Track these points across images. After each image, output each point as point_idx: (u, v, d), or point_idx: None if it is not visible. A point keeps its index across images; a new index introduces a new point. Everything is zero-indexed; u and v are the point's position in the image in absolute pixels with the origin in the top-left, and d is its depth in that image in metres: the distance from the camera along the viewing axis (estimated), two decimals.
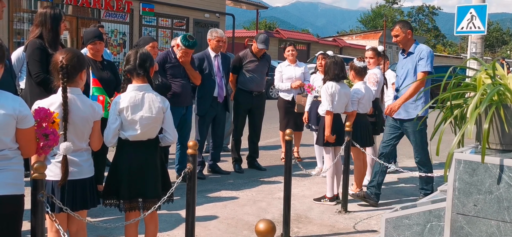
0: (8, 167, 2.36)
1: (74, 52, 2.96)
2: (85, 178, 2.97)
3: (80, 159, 2.93)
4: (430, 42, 65.12)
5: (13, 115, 2.33)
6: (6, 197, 2.34)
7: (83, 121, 2.89)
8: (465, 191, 2.05)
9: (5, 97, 2.36)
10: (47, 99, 2.84)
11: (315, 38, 41.04)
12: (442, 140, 2.27)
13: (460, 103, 2.20)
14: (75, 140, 2.89)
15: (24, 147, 2.44)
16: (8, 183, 2.35)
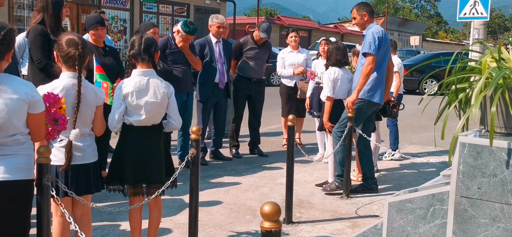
0: (20, 152, 2.39)
1: (82, 38, 2.96)
2: (89, 163, 2.98)
3: (83, 144, 2.94)
4: (432, 28, 64.88)
5: (25, 100, 2.36)
6: (19, 182, 2.37)
7: (86, 106, 2.89)
8: (469, 174, 2.06)
9: (17, 82, 2.39)
10: (49, 84, 2.84)
11: (316, 25, 40.92)
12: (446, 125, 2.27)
13: (464, 87, 2.20)
14: (79, 125, 2.89)
15: (35, 132, 2.46)
16: (21, 168, 2.38)
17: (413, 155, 6.92)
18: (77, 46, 2.84)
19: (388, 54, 5.10)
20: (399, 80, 6.51)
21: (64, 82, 2.84)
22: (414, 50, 32.06)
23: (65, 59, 2.85)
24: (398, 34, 44.61)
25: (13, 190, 2.36)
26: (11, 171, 2.35)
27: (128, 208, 3.28)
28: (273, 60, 8.40)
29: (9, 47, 2.35)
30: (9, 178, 2.33)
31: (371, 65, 4.79)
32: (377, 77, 4.94)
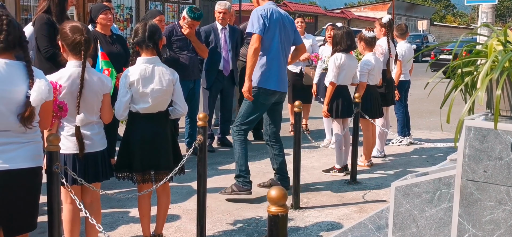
0: (33, 139, 2.45)
1: (85, 26, 2.98)
2: (97, 151, 3.01)
3: (91, 133, 2.96)
4: (440, 12, 64.21)
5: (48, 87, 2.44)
6: (31, 169, 2.42)
7: (91, 93, 2.92)
8: (475, 157, 2.06)
9: (37, 71, 2.46)
10: (56, 74, 2.87)
11: (323, 10, 40.65)
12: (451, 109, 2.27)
13: (471, 70, 2.20)
14: (86, 113, 2.92)
15: (44, 119, 2.51)
16: (34, 155, 2.44)
17: (421, 140, 6.91)
18: (82, 32, 2.86)
19: (283, 36, 4.50)
20: (399, 68, 6.48)
21: (70, 70, 2.86)
22: (422, 34, 31.82)
23: (72, 46, 2.87)
24: (406, 18, 44.23)
25: (26, 178, 2.41)
26: (29, 159, 2.41)
27: (137, 194, 3.32)
28: None
29: None
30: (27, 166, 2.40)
31: (254, 45, 4.31)
32: (267, 62, 4.43)
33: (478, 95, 1.91)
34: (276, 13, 4.46)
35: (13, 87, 2.34)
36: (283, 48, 4.54)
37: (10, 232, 2.40)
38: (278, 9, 4.53)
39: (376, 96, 5.69)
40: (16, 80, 2.35)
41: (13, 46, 2.38)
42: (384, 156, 6.20)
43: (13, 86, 2.34)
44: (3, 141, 2.34)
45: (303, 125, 7.20)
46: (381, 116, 5.86)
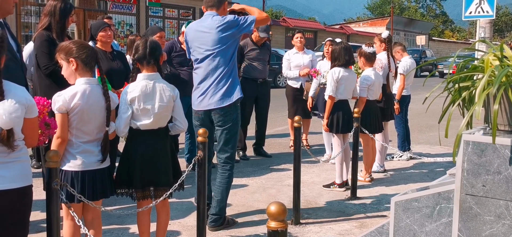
0: (19, 158, 2.33)
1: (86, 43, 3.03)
2: (104, 167, 3.02)
3: (98, 150, 2.98)
4: (438, 28, 64.56)
5: (25, 104, 2.31)
6: (19, 189, 2.32)
7: (102, 110, 2.94)
8: (474, 172, 2.07)
9: (15, 88, 2.33)
10: (69, 90, 2.86)
11: (322, 26, 40.90)
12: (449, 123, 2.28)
13: (468, 85, 2.21)
14: (95, 130, 2.94)
15: (29, 137, 2.41)
16: (20, 175, 2.33)
17: (421, 155, 6.91)
18: (90, 47, 2.92)
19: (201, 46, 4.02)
20: (402, 82, 6.52)
21: (83, 87, 2.88)
22: (420, 49, 31.97)
23: (87, 60, 2.90)
24: (404, 34, 44.48)
25: (16, 198, 2.31)
26: (15, 179, 2.30)
27: (137, 211, 3.31)
28: (278, 62, 8.44)
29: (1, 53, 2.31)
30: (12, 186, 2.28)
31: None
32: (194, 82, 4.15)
33: (475, 109, 1.93)
34: (190, 33, 4.12)
35: None
36: (202, 66, 4.03)
37: None
38: (197, 23, 4.14)
39: (376, 111, 5.70)
40: None
41: None
42: (384, 171, 6.20)
43: None
44: None
45: (303, 140, 7.21)
46: (381, 131, 5.87)
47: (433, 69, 28.64)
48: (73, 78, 2.95)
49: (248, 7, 4.17)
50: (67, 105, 2.84)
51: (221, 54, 3.96)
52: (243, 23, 3.95)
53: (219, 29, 3.92)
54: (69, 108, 2.84)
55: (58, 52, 2.99)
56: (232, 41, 3.98)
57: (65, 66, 2.95)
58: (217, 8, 4.05)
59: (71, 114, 2.86)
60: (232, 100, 3.98)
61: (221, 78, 3.97)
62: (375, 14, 62.95)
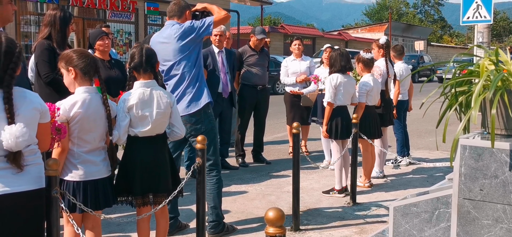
0: (35, 161, 2.44)
1: None
2: (105, 177, 3.02)
3: (99, 159, 2.98)
4: (437, 33, 64.76)
5: (39, 109, 2.43)
6: (37, 191, 2.42)
7: (103, 119, 2.95)
8: (471, 176, 2.08)
9: (30, 94, 2.45)
10: (69, 99, 2.88)
11: (320, 33, 41.02)
12: (447, 128, 2.30)
13: (464, 90, 2.23)
14: (96, 139, 2.95)
15: (42, 141, 2.52)
16: (36, 177, 2.43)
17: (420, 160, 6.92)
18: (90, 56, 2.96)
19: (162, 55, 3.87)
20: (397, 88, 6.54)
21: (83, 96, 2.89)
22: (417, 55, 32.05)
23: (86, 69, 2.91)
24: (403, 39, 44.59)
25: (32, 200, 2.41)
26: (32, 181, 2.40)
27: (136, 218, 3.32)
28: (277, 69, 8.47)
29: (18, 66, 2.40)
30: (30, 188, 2.39)
31: None
32: None
33: (471, 114, 1.94)
34: (153, 40, 4.09)
35: None
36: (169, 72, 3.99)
37: None
38: (158, 35, 4.14)
39: (375, 116, 5.72)
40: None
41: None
42: (384, 176, 6.21)
43: None
44: (3, 166, 2.33)
45: (302, 147, 7.22)
46: (379, 137, 5.88)
47: (430, 74, 28.70)
48: (73, 86, 2.96)
49: (209, 5, 4.07)
50: (67, 114, 2.85)
51: (184, 61, 3.91)
52: (200, 27, 3.89)
53: (177, 38, 3.88)
54: (69, 117, 2.85)
55: (60, 60, 3.01)
56: (193, 47, 3.93)
57: (65, 74, 2.97)
58: (178, 17, 4.01)
59: (71, 123, 2.87)
60: (200, 105, 3.93)
61: (188, 85, 3.93)
62: (373, 20, 63.13)
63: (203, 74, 4.08)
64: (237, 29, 22.99)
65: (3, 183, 2.31)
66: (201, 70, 4.05)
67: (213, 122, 4.07)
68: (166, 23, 4.11)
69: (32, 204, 2.42)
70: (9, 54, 2.34)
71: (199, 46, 4.01)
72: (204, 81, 4.06)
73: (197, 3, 4.15)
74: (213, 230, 4.10)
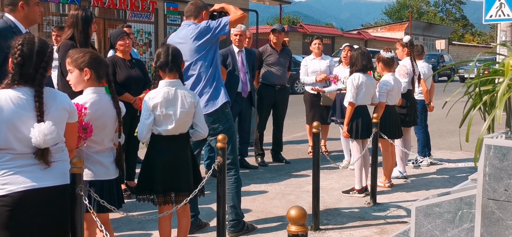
0: (62, 158, 2.53)
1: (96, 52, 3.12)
2: (112, 179, 3.04)
3: (108, 160, 3.01)
4: (458, 32, 63.77)
5: (68, 109, 2.52)
6: (64, 186, 2.51)
7: (113, 120, 2.99)
8: (496, 176, 2.05)
9: (60, 94, 2.56)
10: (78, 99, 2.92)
11: (340, 32, 40.77)
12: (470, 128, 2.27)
13: (489, 89, 2.19)
14: (105, 140, 2.98)
15: (69, 140, 2.60)
16: (62, 173, 2.51)
17: (442, 160, 6.83)
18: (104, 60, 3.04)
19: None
20: (425, 86, 6.51)
21: (92, 96, 2.93)
22: (437, 54, 31.59)
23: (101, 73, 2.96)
24: (423, 38, 44.03)
25: (59, 195, 2.49)
26: (58, 177, 2.49)
27: (158, 216, 3.36)
28: (296, 68, 8.45)
29: (49, 65, 2.51)
30: (57, 184, 2.47)
31: None
32: None
33: (496, 113, 1.91)
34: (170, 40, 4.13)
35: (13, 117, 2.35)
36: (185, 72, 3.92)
37: None
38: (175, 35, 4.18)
39: (395, 116, 5.67)
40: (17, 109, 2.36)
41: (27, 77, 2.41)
42: (406, 177, 6.14)
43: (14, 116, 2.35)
44: (30, 162, 2.41)
45: (321, 146, 7.20)
46: (400, 137, 5.83)
47: (451, 74, 28.25)
48: (80, 86, 2.97)
49: (227, 5, 4.07)
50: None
51: (201, 62, 3.94)
52: (216, 27, 3.90)
53: (192, 38, 3.91)
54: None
55: (70, 58, 2.99)
56: (209, 47, 3.94)
57: (76, 73, 2.94)
58: (194, 17, 4.04)
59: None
60: (217, 105, 3.95)
61: (205, 85, 3.95)
62: (393, 19, 62.48)
63: (220, 74, 4.10)
64: (256, 28, 23.01)
65: (32, 179, 2.40)
66: (218, 70, 4.07)
67: (231, 121, 4.10)
68: (182, 24, 4.15)
69: (58, 200, 2.49)
70: (41, 54, 2.45)
71: (215, 46, 4.04)
72: (221, 81, 4.09)
73: (215, 4, 4.17)
74: (233, 229, 4.12)
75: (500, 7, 9.96)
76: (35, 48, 2.43)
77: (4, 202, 2.35)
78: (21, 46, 2.43)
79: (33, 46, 2.43)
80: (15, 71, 2.40)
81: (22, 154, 2.39)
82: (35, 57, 2.41)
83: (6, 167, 2.37)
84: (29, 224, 2.41)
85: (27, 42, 2.44)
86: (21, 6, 3.68)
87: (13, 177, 2.37)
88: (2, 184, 2.36)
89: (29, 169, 2.40)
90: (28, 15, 3.71)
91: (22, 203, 2.37)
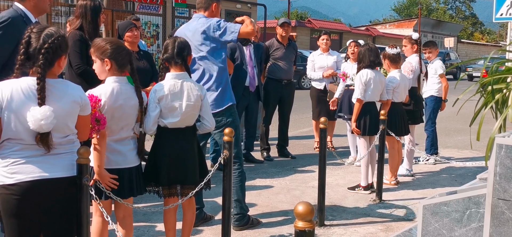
0: (71, 150, 2.52)
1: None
2: (132, 167, 3.05)
3: (127, 148, 3.02)
4: (468, 30, 63.31)
5: (79, 102, 2.50)
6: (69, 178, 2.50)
7: (133, 109, 2.99)
8: (507, 176, 2.02)
9: (72, 87, 2.53)
10: (96, 89, 2.92)
11: (348, 28, 40.57)
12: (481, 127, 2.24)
13: (501, 87, 2.16)
14: (125, 128, 2.98)
15: (81, 132, 2.60)
16: (72, 164, 2.51)
17: (449, 159, 6.79)
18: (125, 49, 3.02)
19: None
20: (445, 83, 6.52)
21: (113, 85, 2.93)
22: (444, 52, 31.32)
23: (122, 62, 2.96)
24: (432, 36, 43.75)
25: (68, 186, 2.50)
26: (67, 168, 2.49)
27: (163, 208, 3.35)
28: (303, 63, 8.42)
29: (57, 54, 2.44)
30: (65, 175, 2.47)
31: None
32: None
33: (508, 112, 1.88)
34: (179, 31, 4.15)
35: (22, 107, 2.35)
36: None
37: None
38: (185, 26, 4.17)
39: (402, 113, 5.63)
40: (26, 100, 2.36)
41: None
42: (412, 175, 6.11)
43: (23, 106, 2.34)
44: (39, 153, 2.42)
45: (328, 142, 7.17)
46: (407, 134, 5.79)
47: (457, 72, 28.05)
48: (103, 75, 3.00)
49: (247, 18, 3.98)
50: None
51: (208, 57, 3.93)
52: (224, 31, 3.87)
53: (201, 30, 3.90)
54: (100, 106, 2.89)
55: (93, 47, 3.03)
56: (215, 44, 3.92)
57: (98, 63, 2.99)
58: (205, 9, 4.04)
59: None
60: (222, 107, 3.99)
61: (212, 84, 3.96)
62: (402, 15, 62.11)
63: (227, 75, 4.11)
64: (264, 22, 22.97)
65: (41, 169, 2.41)
66: (226, 71, 4.08)
67: (235, 114, 4.11)
68: (193, 16, 4.13)
69: (66, 191, 2.50)
70: (47, 38, 2.41)
71: (225, 47, 4.04)
72: (229, 82, 4.09)
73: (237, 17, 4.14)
74: (238, 222, 4.12)
75: (511, 5, 9.84)
76: (42, 34, 2.42)
77: (12, 191, 2.36)
78: (30, 32, 2.43)
79: (41, 33, 2.42)
80: (22, 58, 2.40)
81: (31, 144, 2.39)
82: (41, 41, 2.40)
83: (16, 156, 2.38)
84: (37, 213, 2.42)
85: (37, 29, 2.45)
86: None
87: (22, 166, 2.38)
88: (11, 173, 2.37)
89: (38, 159, 2.40)
90: (37, 4, 3.70)
91: (30, 193, 2.38)
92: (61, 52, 2.47)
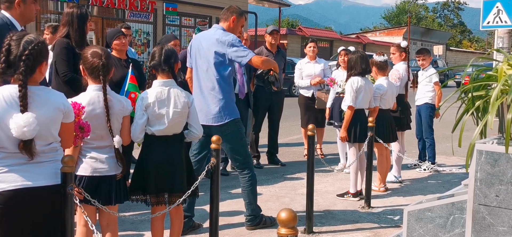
0: (55, 158, 2.51)
1: (106, 50, 3.07)
2: (111, 175, 3.04)
3: (106, 157, 3.01)
4: (456, 38, 63.90)
5: (62, 109, 2.49)
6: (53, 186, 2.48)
7: (113, 116, 2.98)
8: (487, 181, 2.05)
9: (54, 94, 2.53)
10: (77, 97, 2.93)
11: (338, 35, 40.78)
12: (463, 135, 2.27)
13: (482, 94, 2.19)
14: (104, 136, 2.97)
15: (65, 140, 2.59)
16: (55, 173, 2.49)
17: (440, 165, 6.82)
18: (101, 57, 2.96)
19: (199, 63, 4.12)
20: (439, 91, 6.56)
21: (90, 94, 2.93)
22: (432, 59, 31.61)
23: (90, 70, 2.96)
24: (421, 43, 44.10)
25: (51, 195, 2.47)
26: (50, 176, 2.47)
27: (150, 217, 3.34)
28: (293, 71, 8.45)
29: (37, 60, 2.43)
30: (49, 183, 2.45)
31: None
32: None
33: (488, 118, 1.91)
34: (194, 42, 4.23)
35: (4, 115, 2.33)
36: (198, 77, 4.13)
37: None
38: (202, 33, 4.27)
39: (389, 120, 5.67)
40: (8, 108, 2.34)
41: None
42: (401, 181, 6.14)
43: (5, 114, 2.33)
44: (22, 161, 2.40)
45: (317, 150, 7.19)
46: (394, 141, 5.83)
47: (445, 79, 28.27)
48: (87, 83, 3.01)
49: (271, 61, 4.29)
50: None
51: (217, 68, 3.99)
52: (236, 51, 3.94)
53: (217, 42, 3.97)
54: None
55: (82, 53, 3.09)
56: (224, 59, 3.98)
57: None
58: (224, 20, 4.16)
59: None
60: (226, 120, 4.06)
61: (217, 94, 4.01)
62: (392, 23, 62.56)
63: (233, 90, 4.22)
64: (255, 31, 23.03)
65: (24, 178, 2.39)
66: (232, 86, 4.19)
67: (240, 127, 4.21)
68: (213, 26, 4.25)
69: (49, 200, 2.48)
70: (27, 45, 2.40)
71: (232, 64, 4.10)
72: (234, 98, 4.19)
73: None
74: (250, 223, 4.33)
75: (497, 14, 9.97)
76: (22, 42, 2.41)
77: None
78: (9, 40, 2.43)
79: (21, 41, 2.42)
80: (2, 67, 2.39)
81: (14, 152, 2.37)
82: (21, 48, 2.39)
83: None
84: (20, 222, 2.40)
85: (16, 37, 2.44)
86: (17, 3, 3.67)
87: (5, 175, 2.36)
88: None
89: (21, 168, 2.39)
90: (24, 13, 3.70)
91: (13, 202, 2.36)
92: (41, 58, 2.46)
